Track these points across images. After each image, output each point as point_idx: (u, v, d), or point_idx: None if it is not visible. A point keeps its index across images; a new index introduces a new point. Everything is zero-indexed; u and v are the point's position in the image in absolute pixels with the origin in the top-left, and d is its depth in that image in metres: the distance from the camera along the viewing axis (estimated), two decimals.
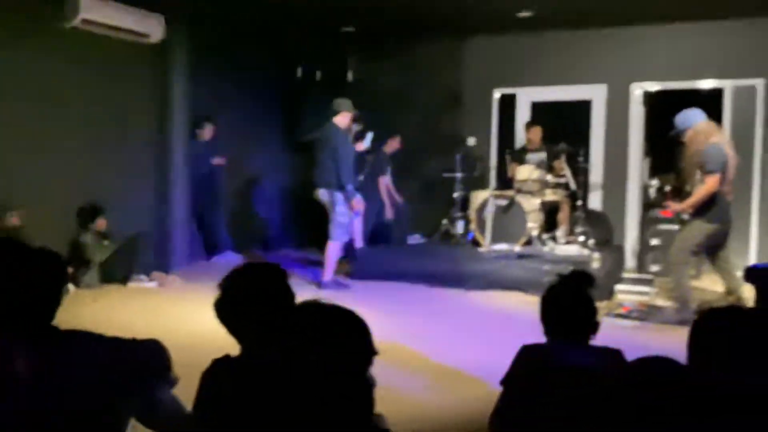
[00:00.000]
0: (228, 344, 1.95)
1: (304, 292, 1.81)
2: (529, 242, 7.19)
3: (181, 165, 7.15)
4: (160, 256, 6.91)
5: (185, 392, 1.89)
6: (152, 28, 6.60)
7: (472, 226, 7.61)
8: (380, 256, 7.26)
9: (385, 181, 8.05)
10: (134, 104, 6.86)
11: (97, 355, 1.72)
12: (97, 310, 5.46)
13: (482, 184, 8.29)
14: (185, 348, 2.94)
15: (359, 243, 7.36)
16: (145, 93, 6.93)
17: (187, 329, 4.87)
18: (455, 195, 7.97)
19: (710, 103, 6.93)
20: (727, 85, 7.59)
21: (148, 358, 1.96)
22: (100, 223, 6.37)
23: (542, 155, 7.62)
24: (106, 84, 6.56)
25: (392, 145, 8.12)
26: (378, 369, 1.49)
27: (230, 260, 7.39)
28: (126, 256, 6.44)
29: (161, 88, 6.98)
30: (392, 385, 3.65)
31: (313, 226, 7.35)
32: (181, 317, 5.29)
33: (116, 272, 6.35)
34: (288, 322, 1.55)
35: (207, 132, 7.63)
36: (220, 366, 1.88)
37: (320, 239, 6.54)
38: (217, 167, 7.71)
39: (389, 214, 8.02)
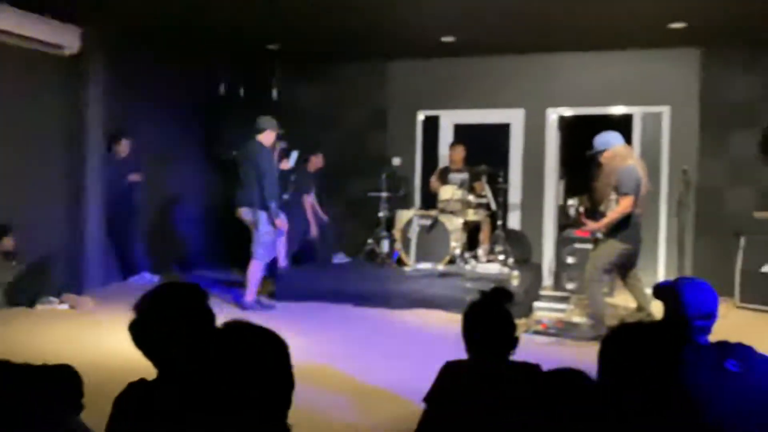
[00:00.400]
0: (145, 368, 1.88)
1: (226, 314, 1.76)
2: (452, 261, 7.31)
3: (95, 181, 6.89)
4: (73, 277, 6.61)
5: (100, 420, 1.81)
6: (68, 39, 6.37)
7: (397, 245, 7.67)
8: (305, 276, 7.20)
9: (310, 200, 8.02)
10: (47, 118, 6.57)
11: (2, 384, 1.62)
12: (2, 334, 5.15)
13: (407, 203, 8.38)
14: (99, 373, 2.81)
15: (283, 262, 7.28)
16: (58, 106, 6.65)
17: (101, 353, 4.67)
18: (380, 214, 8.02)
19: (621, 128, 7.28)
20: (636, 111, 8.01)
21: (59, 386, 1.86)
22: (6, 243, 6.05)
23: (464, 176, 7.80)
24: (16, 96, 6.26)
25: (315, 163, 8.11)
26: (302, 390, 1.47)
27: (147, 281, 7.16)
28: (35, 278, 6.12)
29: (76, 101, 6.72)
30: (317, 406, 3.61)
31: (235, 245, 7.21)
32: (95, 341, 5.07)
33: (24, 294, 6.03)
34: (207, 345, 1.50)
35: (124, 148, 7.39)
36: (134, 391, 1.81)
37: (243, 259, 6.42)
38: (134, 184, 7.46)
39: (314, 232, 7.99)
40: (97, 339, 5.11)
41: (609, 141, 5.44)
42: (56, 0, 5.97)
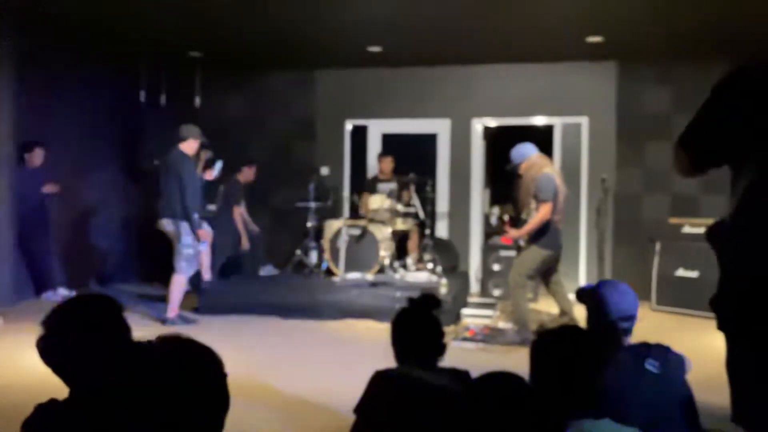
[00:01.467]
0: (57, 389, 1.76)
1: (146, 330, 1.67)
2: (381, 270, 7.31)
3: (4, 192, 6.51)
4: None
5: None
6: None
7: (326, 255, 7.61)
8: (231, 289, 7.02)
9: (240, 211, 7.85)
10: None
11: None
12: None
13: (335, 213, 8.33)
14: (10, 394, 2.64)
15: (207, 275, 7.08)
16: None
17: (9, 374, 4.39)
18: (309, 225, 7.94)
19: (542, 138, 7.51)
20: (557, 122, 8.27)
21: None
22: None
23: (393, 185, 7.83)
24: None
25: (247, 174, 7.96)
26: (232, 405, 1.40)
27: (62, 297, 6.81)
28: None
29: None
30: (245, 420, 3.50)
31: (156, 258, 6.96)
32: (4, 360, 4.76)
33: None
34: (122, 361, 1.40)
35: (36, 157, 7.02)
36: (44, 413, 1.69)
37: (165, 272, 6.20)
38: (48, 195, 7.10)
39: (245, 244, 7.80)
40: (7, 358, 4.81)
41: (524, 153, 5.60)
42: None
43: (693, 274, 6.92)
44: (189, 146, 6.14)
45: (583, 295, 2.56)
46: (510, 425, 1.32)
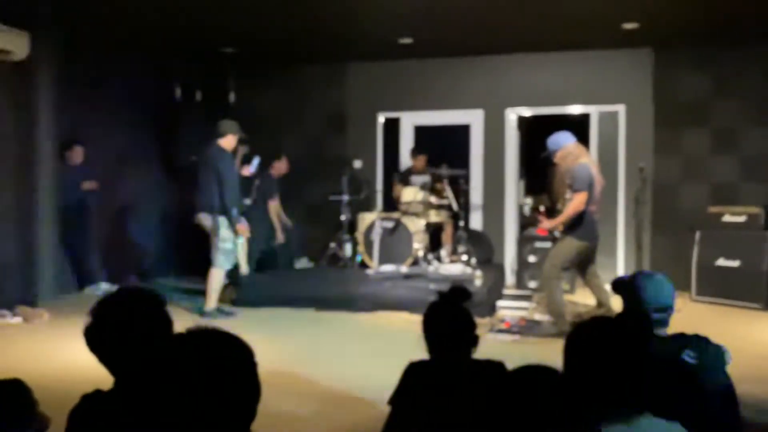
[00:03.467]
0: (102, 380, 1.81)
1: (185, 322, 1.71)
2: (415, 263, 7.31)
3: (47, 190, 6.68)
4: (25, 289, 6.38)
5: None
6: (16, 44, 6.16)
7: (360, 248, 7.64)
8: (267, 282, 7.11)
9: (275, 205, 7.92)
10: None
11: None
12: None
13: (369, 206, 8.36)
14: (54, 387, 2.72)
15: (245, 269, 7.18)
16: (7, 113, 6.43)
17: (56, 366, 4.53)
18: (342, 218, 7.98)
19: (578, 127, 7.40)
20: (593, 110, 8.15)
21: (7, 400, 1.80)
22: None
23: (426, 178, 7.82)
24: None
25: (279, 168, 8.02)
26: (265, 396, 1.43)
27: (104, 291, 6.98)
28: None
29: (25, 108, 6.50)
30: (281, 411, 3.56)
31: (194, 252, 7.08)
32: (50, 354, 4.91)
33: None
34: (165, 351, 1.44)
35: (77, 155, 7.20)
36: (90, 402, 1.75)
37: (203, 266, 6.30)
38: (89, 192, 7.27)
39: (280, 238, 7.87)
40: (53, 352, 4.96)
41: (560, 141, 5.52)
42: (3, 4, 5.79)
43: (734, 263, 6.76)
44: (227, 141, 6.20)
45: (619, 285, 2.53)
46: (544, 417, 1.32)
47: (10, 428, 1.80)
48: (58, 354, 4.86)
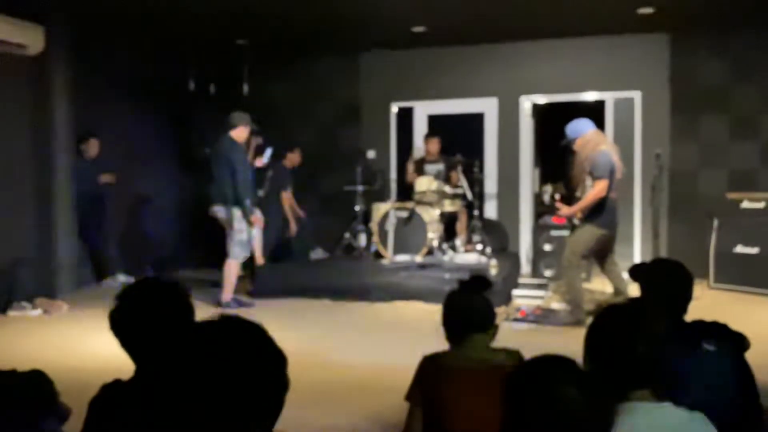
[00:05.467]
0: (122, 370, 1.83)
1: (202, 314, 1.71)
2: (430, 252, 7.31)
3: (64, 183, 6.75)
4: (45, 281, 6.47)
5: (78, 424, 1.77)
6: (31, 38, 6.21)
7: (375, 238, 7.65)
8: (283, 273, 7.14)
9: (288, 196, 7.95)
10: (11, 119, 6.41)
11: None
12: None
13: (383, 196, 8.35)
14: (75, 377, 2.76)
15: (260, 260, 7.21)
16: (23, 107, 6.50)
17: (76, 357, 4.59)
18: (357, 208, 7.98)
19: (594, 114, 7.33)
20: (608, 97, 8.07)
21: (29, 391, 1.82)
22: None
23: (440, 166, 7.79)
24: None
25: (292, 159, 8.05)
26: None
27: (122, 283, 7.04)
28: (5, 283, 5.98)
29: (41, 102, 6.57)
30: (293, 400, 3.57)
31: (210, 244, 7.13)
32: (70, 345, 4.98)
33: None
34: (188, 341, 1.40)
35: (92, 148, 7.25)
36: (110, 392, 1.77)
37: (219, 258, 6.34)
38: (105, 185, 7.33)
39: (293, 229, 7.91)
40: (73, 343, 5.02)
41: (580, 128, 5.47)
42: None
43: (753, 250, 6.69)
44: (239, 133, 6.23)
45: (636, 273, 2.51)
46: (561, 407, 1.31)
47: (32, 418, 1.82)
48: (78, 345, 4.92)
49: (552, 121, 7.54)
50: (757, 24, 7.22)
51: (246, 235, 6.15)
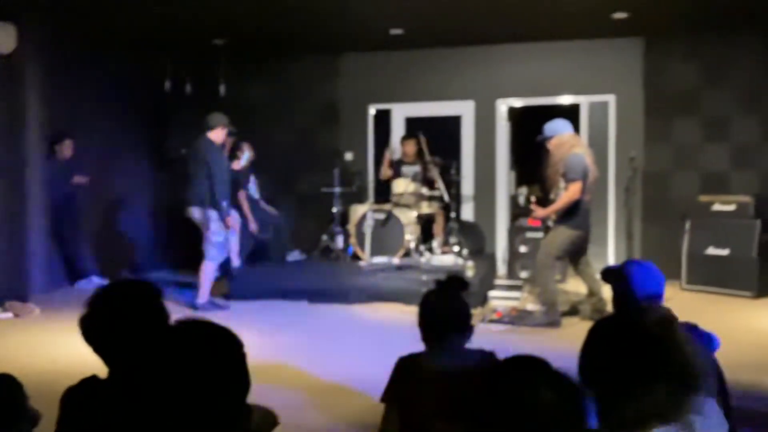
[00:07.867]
0: (96, 373, 1.81)
1: (178, 316, 1.70)
2: (407, 254, 7.32)
3: (36, 184, 6.64)
4: (15, 283, 6.35)
5: (49, 427, 1.74)
6: (2, 37, 6.11)
7: (352, 240, 7.64)
8: (259, 275, 7.10)
9: (244, 195, 7.59)
10: None
11: None
12: None
13: (360, 198, 8.35)
14: (46, 382, 2.71)
15: (236, 262, 7.16)
16: None
17: (48, 361, 4.52)
18: (334, 210, 7.97)
19: (569, 117, 7.39)
20: (583, 100, 8.16)
21: None
22: None
23: (417, 168, 7.81)
24: None
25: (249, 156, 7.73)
26: (258, 389, 1.43)
27: (96, 285, 6.94)
28: None
29: (12, 102, 6.45)
30: (273, 404, 3.56)
31: (186, 246, 7.05)
32: (41, 348, 4.90)
33: None
34: (158, 343, 1.43)
35: (66, 149, 7.15)
36: (87, 385, 1.75)
37: (195, 260, 6.28)
38: (78, 186, 7.23)
39: (253, 227, 7.58)
40: (44, 347, 4.94)
41: (557, 128, 5.53)
42: None
43: (724, 251, 6.81)
44: (216, 134, 6.19)
45: (608, 274, 2.54)
46: (534, 408, 1.32)
47: (1, 423, 1.79)
48: (49, 349, 4.84)
49: (528, 125, 7.60)
50: (728, 30, 7.35)
51: (222, 237, 6.11)
